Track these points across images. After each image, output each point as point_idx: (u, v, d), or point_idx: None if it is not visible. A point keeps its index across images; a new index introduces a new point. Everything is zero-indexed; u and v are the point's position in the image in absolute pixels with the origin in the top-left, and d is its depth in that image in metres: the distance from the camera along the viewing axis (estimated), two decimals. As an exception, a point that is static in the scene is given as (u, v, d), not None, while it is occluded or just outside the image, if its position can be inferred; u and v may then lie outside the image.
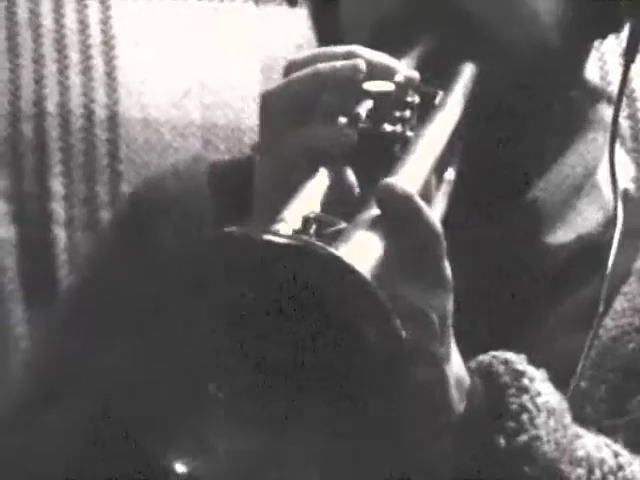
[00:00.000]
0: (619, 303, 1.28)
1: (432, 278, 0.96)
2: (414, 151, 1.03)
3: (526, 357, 1.12)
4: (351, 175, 1.01)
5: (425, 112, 1.09)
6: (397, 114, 1.04)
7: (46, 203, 1.71)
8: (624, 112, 1.47)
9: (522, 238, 1.31)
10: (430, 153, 1.05)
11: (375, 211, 0.91)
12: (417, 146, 1.03)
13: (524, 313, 1.29)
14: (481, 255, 1.26)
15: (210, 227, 1.21)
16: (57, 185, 1.71)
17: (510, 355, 1.13)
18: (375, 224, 0.90)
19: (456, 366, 1.12)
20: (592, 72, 1.38)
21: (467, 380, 1.07)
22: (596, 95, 1.35)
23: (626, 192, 1.35)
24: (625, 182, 1.37)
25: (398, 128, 1.04)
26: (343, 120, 1.02)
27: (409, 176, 0.98)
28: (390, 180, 0.93)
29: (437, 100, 1.12)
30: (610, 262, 1.27)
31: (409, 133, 1.05)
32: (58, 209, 1.71)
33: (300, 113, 1.04)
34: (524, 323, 1.26)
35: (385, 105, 1.03)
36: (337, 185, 0.99)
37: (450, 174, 1.17)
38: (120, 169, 1.72)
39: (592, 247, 1.30)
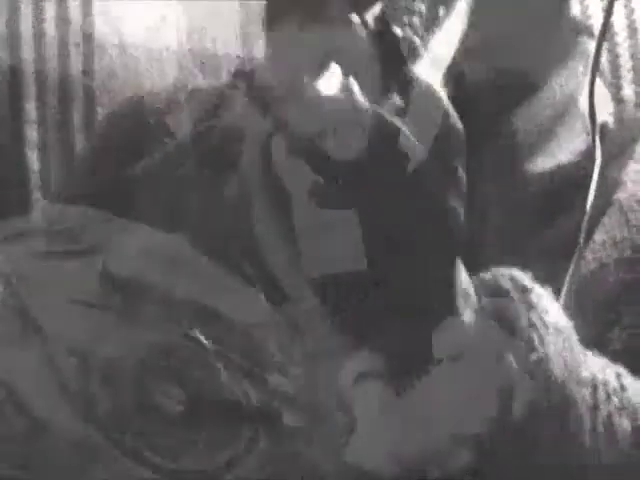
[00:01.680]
0: (599, 235, 1.31)
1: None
2: (424, 57, 1.06)
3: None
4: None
5: (431, 22, 1.11)
6: (405, 19, 1.06)
7: (20, 127, 1.69)
8: (603, 46, 1.50)
9: (502, 166, 1.33)
10: (439, 61, 1.08)
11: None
12: (427, 52, 1.06)
13: (504, 243, 1.31)
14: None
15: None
16: (31, 110, 1.70)
17: (516, 271, 1.14)
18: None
19: (462, 275, 1.14)
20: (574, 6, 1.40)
21: (472, 294, 1.08)
22: (577, 28, 1.37)
23: (605, 125, 1.38)
24: (604, 115, 1.39)
25: (407, 32, 1.06)
26: (356, 19, 1.05)
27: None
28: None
29: (440, 12, 1.14)
30: (590, 194, 1.29)
31: (417, 39, 1.07)
32: (32, 133, 1.70)
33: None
34: (504, 254, 1.29)
35: (395, 8, 1.06)
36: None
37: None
38: (95, 94, 1.71)
39: (572, 177, 1.32)
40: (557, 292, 1.22)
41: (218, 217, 1.39)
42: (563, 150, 1.35)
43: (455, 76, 1.29)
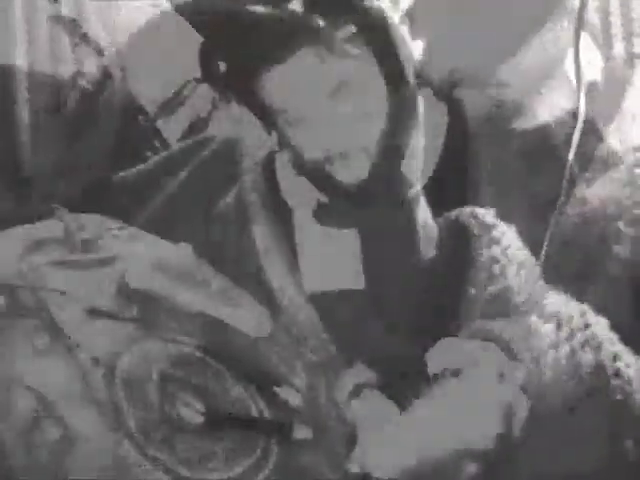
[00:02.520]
0: (580, 191, 1.37)
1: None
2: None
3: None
4: None
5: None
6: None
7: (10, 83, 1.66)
8: (595, 3, 1.51)
9: (487, 122, 1.38)
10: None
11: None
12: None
13: (491, 196, 1.37)
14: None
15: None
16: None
17: (479, 209, 1.19)
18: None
19: (424, 212, 1.18)
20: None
21: (435, 232, 1.13)
22: None
23: (593, 84, 1.43)
24: (593, 74, 1.44)
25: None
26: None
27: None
28: None
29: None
30: (572, 151, 1.34)
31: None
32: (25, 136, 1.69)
33: None
34: (492, 206, 1.34)
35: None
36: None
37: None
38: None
39: (556, 135, 1.37)
40: (538, 249, 1.28)
41: (214, 228, 1.43)
42: (548, 109, 1.41)
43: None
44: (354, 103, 1.27)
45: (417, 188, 1.32)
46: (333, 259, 1.34)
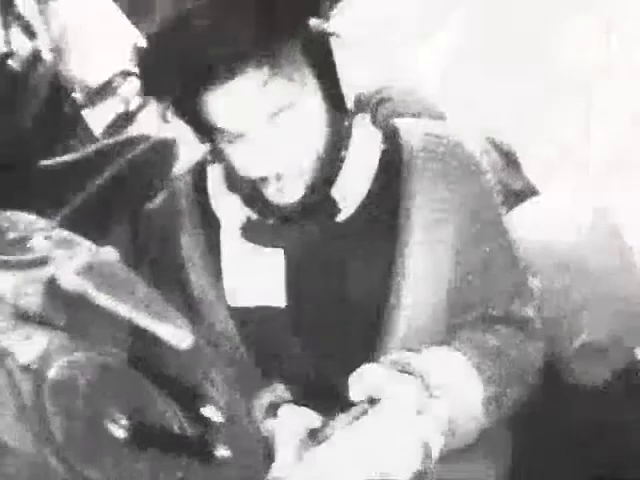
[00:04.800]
0: None
1: None
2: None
3: None
4: None
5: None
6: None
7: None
8: None
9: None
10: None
11: None
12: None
13: None
14: None
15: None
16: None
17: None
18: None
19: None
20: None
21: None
22: None
23: None
24: None
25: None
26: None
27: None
28: None
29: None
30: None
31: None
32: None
33: None
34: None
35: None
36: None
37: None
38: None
39: None
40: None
41: (140, 230, 1.42)
42: None
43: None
44: (294, 127, 1.28)
45: (347, 213, 1.35)
46: (257, 276, 1.36)
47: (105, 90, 1.61)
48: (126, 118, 1.60)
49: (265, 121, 1.26)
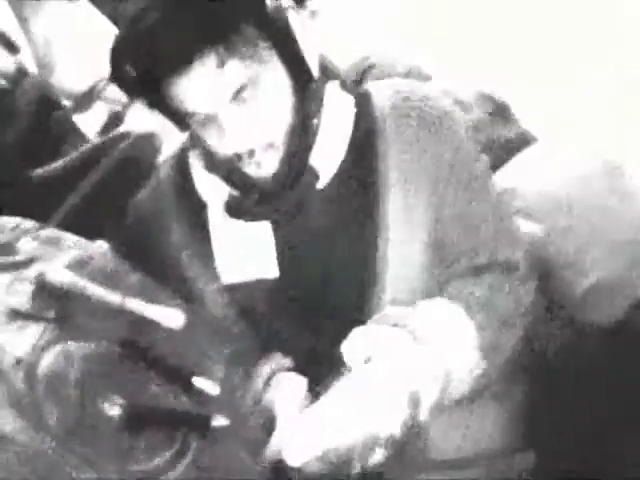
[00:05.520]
0: None
1: None
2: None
3: None
4: None
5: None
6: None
7: None
8: None
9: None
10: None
11: None
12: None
13: None
14: None
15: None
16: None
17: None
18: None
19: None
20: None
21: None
22: None
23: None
24: None
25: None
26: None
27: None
28: None
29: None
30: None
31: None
32: None
33: None
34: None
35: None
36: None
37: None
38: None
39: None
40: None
41: (130, 221, 1.46)
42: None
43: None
44: (259, 102, 1.30)
45: (327, 179, 1.37)
46: (247, 250, 1.39)
47: (92, 94, 1.66)
48: (116, 118, 1.65)
49: (229, 99, 1.29)
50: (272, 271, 1.40)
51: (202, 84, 1.27)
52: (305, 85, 1.35)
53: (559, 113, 2.23)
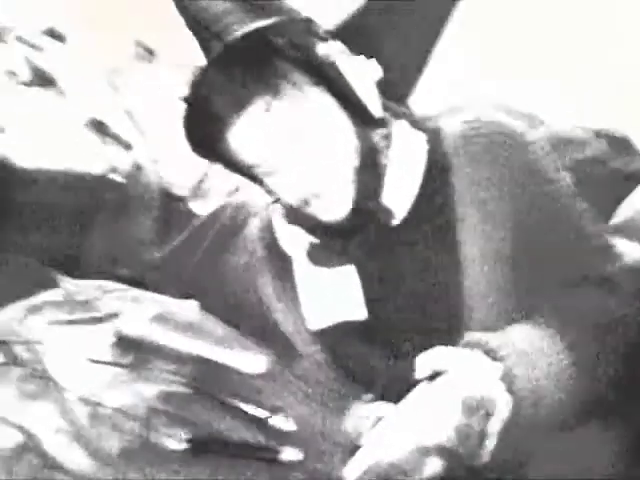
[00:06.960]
0: None
1: None
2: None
3: None
4: None
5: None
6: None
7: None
8: None
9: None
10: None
11: None
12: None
13: None
14: None
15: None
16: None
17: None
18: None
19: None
20: None
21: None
22: None
23: None
24: None
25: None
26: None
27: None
28: None
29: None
30: None
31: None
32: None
33: None
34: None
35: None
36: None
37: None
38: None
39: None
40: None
41: (228, 283, 1.50)
42: None
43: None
44: (316, 144, 1.32)
45: (401, 216, 1.36)
46: (334, 295, 1.39)
47: (203, 185, 1.74)
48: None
49: (285, 145, 1.31)
50: (360, 313, 1.39)
51: (253, 130, 1.31)
52: (366, 126, 1.36)
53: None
